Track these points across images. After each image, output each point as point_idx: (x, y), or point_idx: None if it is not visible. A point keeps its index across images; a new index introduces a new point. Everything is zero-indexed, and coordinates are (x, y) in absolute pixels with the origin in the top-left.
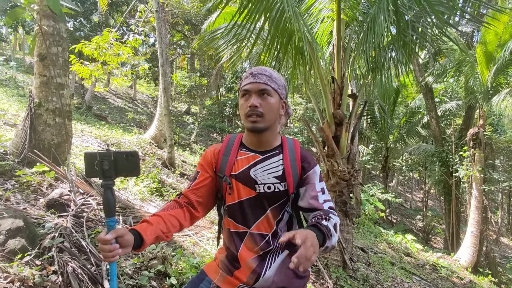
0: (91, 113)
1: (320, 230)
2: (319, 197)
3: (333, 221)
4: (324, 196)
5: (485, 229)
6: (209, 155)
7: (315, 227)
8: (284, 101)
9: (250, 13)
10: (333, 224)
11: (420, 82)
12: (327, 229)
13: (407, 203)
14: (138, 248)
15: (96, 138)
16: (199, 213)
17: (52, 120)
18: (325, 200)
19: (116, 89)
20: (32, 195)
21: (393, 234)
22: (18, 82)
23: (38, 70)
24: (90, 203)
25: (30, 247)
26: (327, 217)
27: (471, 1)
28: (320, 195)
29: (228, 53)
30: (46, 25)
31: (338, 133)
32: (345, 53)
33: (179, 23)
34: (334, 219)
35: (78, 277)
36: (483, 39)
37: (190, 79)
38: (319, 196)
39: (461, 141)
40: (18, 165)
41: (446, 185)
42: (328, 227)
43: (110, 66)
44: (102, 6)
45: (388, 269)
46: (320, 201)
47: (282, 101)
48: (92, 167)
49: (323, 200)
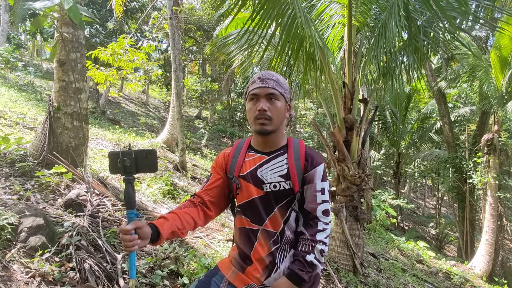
0: (105, 117)
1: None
2: (317, 197)
3: (318, 247)
4: (323, 197)
5: (500, 238)
6: (221, 158)
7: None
8: (289, 104)
9: (262, 20)
10: (319, 251)
11: (433, 87)
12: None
13: (419, 210)
14: (155, 241)
15: (110, 142)
16: (212, 212)
17: (70, 124)
18: (323, 201)
19: (129, 94)
20: (50, 195)
21: (404, 240)
22: (36, 87)
23: (58, 75)
24: (105, 203)
25: (50, 244)
26: (313, 244)
27: (484, 5)
28: (318, 195)
29: (239, 59)
30: (66, 32)
31: (349, 137)
32: (356, 58)
33: (191, 29)
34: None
35: (95, 274)
36: (498, 43)
37: (201, 84)
38: (317, 196)
39: (475, 147)
40: (38, 167)
41: (460, 192)
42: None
43: (125, 72)
44: (118, 13)
45: (400, 275)
46: (318, 201)
47: (287, 104)
48: (115, 164)
49: (321, 200)
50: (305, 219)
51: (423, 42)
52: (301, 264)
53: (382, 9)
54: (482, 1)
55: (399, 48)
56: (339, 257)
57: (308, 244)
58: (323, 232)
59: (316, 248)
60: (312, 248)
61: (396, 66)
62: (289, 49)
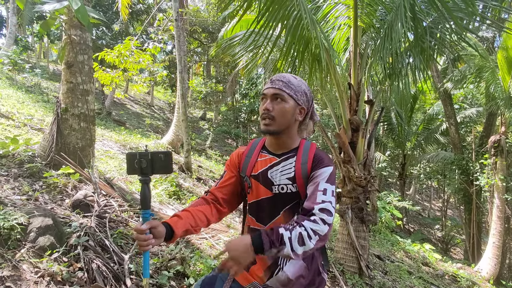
0: (110, 118)
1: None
2: (317, 196)
3: (297, 229)
4: (324, 197)
5: (508, 240)
6: (235, 156)
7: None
8: (302, 107)
9: (268, 21)
10: (297, 233)
11: (439, 88)
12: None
13: (425, 212)
14: (169, 239)
15: (116, 143)
16: (225, 209)
17: (77, 125)
18: (323, 201)
19: (134, 95)
20: (58, 195)
21: (410, 243)
22: (43, 89)
23: (65, 77)
24: (112, 204)
25: (58, 245)
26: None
27: (492, 6)
28: (319, 195)
29: (244, 60)
30: (74, 34)
31: (355, 139)
32: (361, 60)
33: (196, 31)
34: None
35: (103, 274)
36: (505, 44)
37: (206, 85)
38: (318, 195)
39: (481, 148)
40: (46, 167)
41: (466, 194)
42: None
43: (131, 73)
44: (123, 16)
45: (406, 278)
46: (317, 200)
47: (299, 106)
48: (133, 165)
49: (321, 200)
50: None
51: (430, 43)
52: (271, 232)
53: (388, 10)
54: (490, 1)
55: (405, 49)
56: (345, 259)
57: (291, 223)
58: (314, 223)
59: (295, 230)
60: (292, 228)
61: (402, 67)
62: (294, 50)
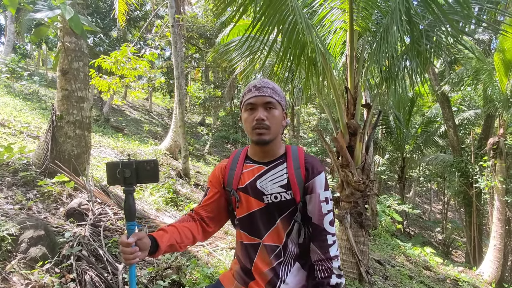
0: (108, 125)
1: None
2: (322, 208)
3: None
4: (328, 206)
5: (509, 243)
6: (217, 171)
7: None
8: (285, 112)
9: (263, 26)
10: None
11: (436, 91)
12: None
13: (425, 214)
14: (153, 253)
15: (114, 149)
16: (211, 228)
17: (73, 132)
18: (328, 211)
19: (132, 101)
20: (52, 204)
21: (411, 246)
22: (41, 96)
23: (61, 84)
24: (108, 212)
25: (50, 255)
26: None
27: (487, 8)
28: (323, 206)
29: (241, 65)
30: (68, 41)
31: (352, 143)
32: (358, 63)
33: (193, 37)
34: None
35: (96, 285)
36: (501, 46)
37: (204, 91)
38: (323, 206)
39: (480, 150)
40: (40, 176)
41: (466, 196)
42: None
43: (128, 80)
44: (121, 22)
45: (407, 283)
46: (323, 211)
47: (284, 112)
48: (114, 176)
49: (327, 210)
50: (313, 233)
51: (426, 46)
52: None
53: (384, 14)
54: (485, 4)
55: (402, 52)
56: (344, 264)
57: (326, 267)
58: (334, 245)
59: (334, 268)
60: (331, 270)
61: (398, 71)
62: (290, 55)
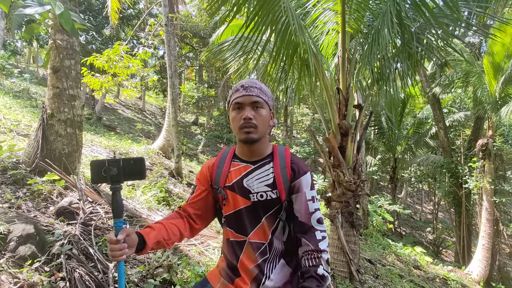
0: (101, 123)
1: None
2: (309, 207)
3: (324, 257)
4: (314, 205)
5: (497, 242)
6: (205, 169)
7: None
8: (272, 112)
9: (257, 26)
10: (325, 261)
11: (427, 92)
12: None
13: (416, 215)
14: (140, 250)
15: (105, 148)
16: (198, 225)
17: (64, 131)
18: (316, 209)
19: (125, 100)
20: (42, 203)
21: (402, 246)
22: (31, 94)
23: (52, 82)
24: (98, 211)
25: (40, 254)
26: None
27: (476, 12)
28: (310, 204)
29: (235, 65)
30: (60, 39)
31: (344, 143)
32: (350, 65)
33: (187, 36)
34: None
35: (86, 283)
36: (490, 50)
37: (198, 90)
38: (309, 205)
39: (470, 152)
40: (30, 174)
41: (456, 197)
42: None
43: (120, 78)
44: (114, 20)
45: (397, 282)
46: (310, 210)
47: (271, 111)
48: (99, 174)
49: (314, 209)
50: (301, 230)
51: (417, 49)
52: (316, 280)
53: (375, 16)
54: (474, 8)
55: (393, 54)
56: (335, 263)
57: (314, 257)
58: (324, 240)
59: (322, 259)
60: (319, 260)
61: (390, 72)
62: (283, 55)
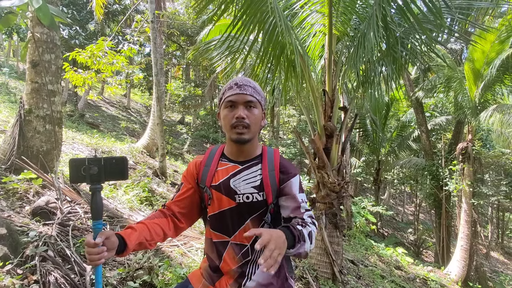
0: (83, 121)
1: (291, 233)
2: (301, 207)
3: (309, 228)
4: (306, 206)
5: (475, 243)
6: (192, 167)
7: (287, 229)
8: (264, 112)
9: (244, 25)
10: (309, 231)
11: (411, 96)
12: (300, 233)
13: (398, 216)
14: (121, 253)
15: (87, 146)
16: (183, 224)
17: (42, 127)
18: (306, 210)
19: (109, 97)
20: (17, 202)
21: (384, 247)
22: (10, 89)
23: (30, 76)
24: (77, 211)
25: (12, 256)
26: (304, 223)
27: (458, 19)
28: (302, 205)
29: (222, 64)
30: (39, 32)
31: (329, 145)
32: (336, 67)
33: (174, 34)
34: (311, 227)
35: (61, 286)
36: (471, 56)
37: (184, 89)
38: (301, 205)
39: (450, 155)
40: (5, 172)
41: (437, 199)
42: (302, 232)
43: (104, 75)
44: (98, 15)
45: (379, 282)
46: (302, 210)
47: (263, 112)
48: (78, 173)
49: (305, 209)
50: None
51: (401, 53)
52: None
53: (362, 20)
54: (456, 15)
55: (378, 58)
56: (318, 264)
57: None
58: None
59: (308, 227)
60: (305, 225)
61: (375, 76)
62: (270, 55)
